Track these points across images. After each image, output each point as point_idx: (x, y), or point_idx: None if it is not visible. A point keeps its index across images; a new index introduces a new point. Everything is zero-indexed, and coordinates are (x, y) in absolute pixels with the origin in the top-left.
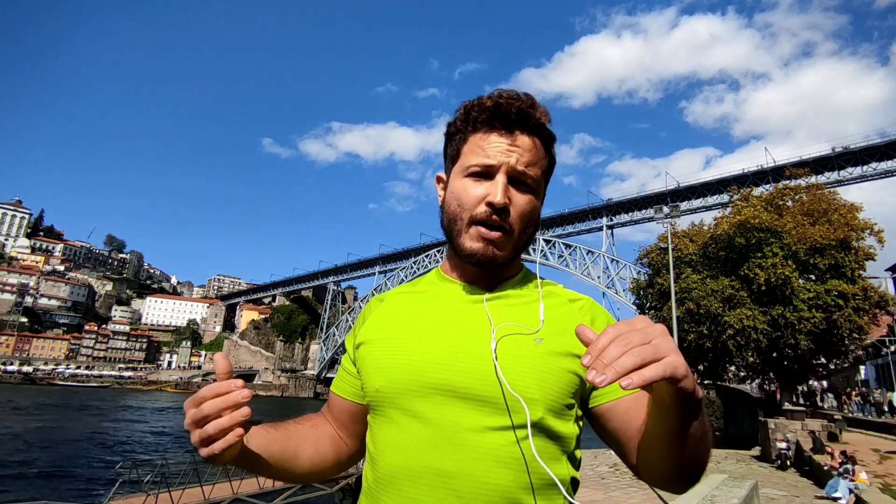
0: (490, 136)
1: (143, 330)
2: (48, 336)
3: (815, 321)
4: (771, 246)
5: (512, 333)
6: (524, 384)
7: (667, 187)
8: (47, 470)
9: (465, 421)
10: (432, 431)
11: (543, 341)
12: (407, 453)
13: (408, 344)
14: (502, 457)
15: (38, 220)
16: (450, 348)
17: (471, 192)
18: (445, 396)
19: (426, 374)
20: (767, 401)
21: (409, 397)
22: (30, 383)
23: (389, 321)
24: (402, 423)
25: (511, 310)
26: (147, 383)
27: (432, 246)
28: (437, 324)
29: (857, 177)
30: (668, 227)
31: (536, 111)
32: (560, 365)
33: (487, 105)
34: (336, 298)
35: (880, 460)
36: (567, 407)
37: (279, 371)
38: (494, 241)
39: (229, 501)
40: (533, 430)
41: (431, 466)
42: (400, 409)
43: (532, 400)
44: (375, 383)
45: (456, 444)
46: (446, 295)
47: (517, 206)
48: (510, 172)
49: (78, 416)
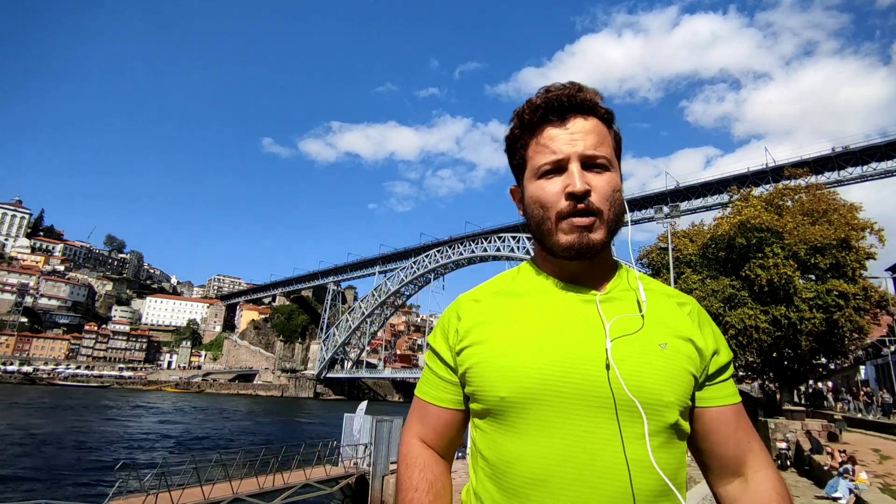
0: (549, 132)
1: (143, 330)
2: (48, 336)
3: (816, 321)
4: (772, 246)
5: (629, 333)
6: (657, 387)
7: (667, 187)
8: (47, 470)
9: (598, 428)
10: (567, 441)
11: (668, 345)
12: (542, 464)
13: (527, 348)
14: (640, 462)
15: (38, 220)
16: (574, 352)
17: (549, 190)
18: (576, 403)
19: (553, 381)
20: (768, 401)
21: (538, 406)
22: (30, 383)
23: (497, 324)
24: (532, 433)
25: (623, 308)
26: (147, 383)
27: (432, 246)
28: (555, 326)
29: (857, 177)
30: (668, 227)
31: (586, 93)
32: (684, 367)
33: (537, 103)
34: (336, 298)
35: (880, 460)
36: (688, 409)
37: (279, 371)
38: (588, 227)
39: (229, 501)
40: (666, 434)
41: (569, 477)
42: (527, 419)
43: (667, 403)
44: (500, 391)
45: (592, 454)
46: (554, 295)
47: (598, 188)
48: (581, 159)
49: (78, 416)
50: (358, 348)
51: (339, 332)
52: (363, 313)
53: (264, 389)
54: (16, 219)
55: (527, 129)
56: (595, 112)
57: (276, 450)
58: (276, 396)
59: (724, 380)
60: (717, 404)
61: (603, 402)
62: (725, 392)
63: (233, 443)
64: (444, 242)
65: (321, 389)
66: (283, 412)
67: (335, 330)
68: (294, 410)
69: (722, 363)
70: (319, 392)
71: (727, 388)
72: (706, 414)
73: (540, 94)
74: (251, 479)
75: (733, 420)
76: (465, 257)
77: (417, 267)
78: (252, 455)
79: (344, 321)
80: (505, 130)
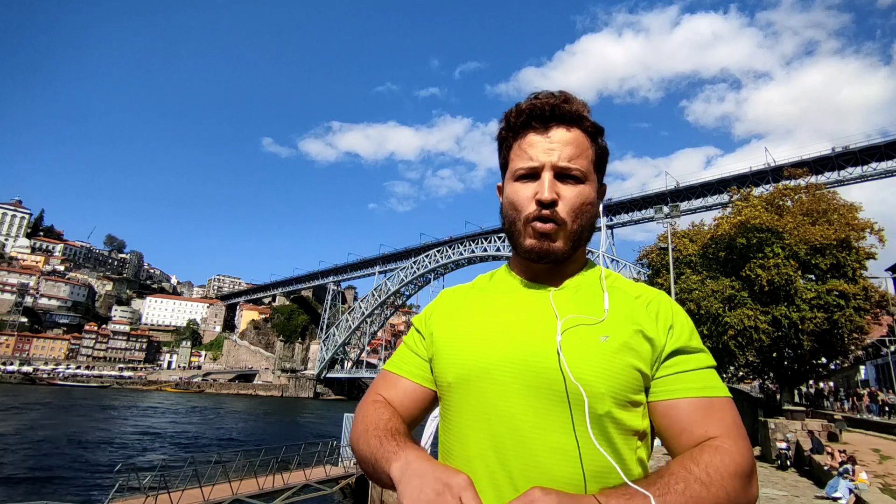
0: (531, 138)
1: (143, 330)
2: (48, 336)
3: (817, 321)
4: (772, 246)
5: (577, 325)
6: (591, 379)
7: (667, 187)
8: (47, 470)
9: (532, 415)
10: (500, 425)
11: (609, 338)
12: (478, 446)
13: (477, 338)
14: (569, 451)
15: (38, 220)
16: (517, 343)
17: (521, 194)
18: (513, 390)
19: (493, 369)
20: (768, 401)
21: (478, 392)
22: (30, 383)
23: (461, 315)
24: (471, 418)
25: (577, 303)
26: (147, 383)
27: (432, 246)
28: (505, 319)
29: (857, 177)
30: (668, 228)
31: (571, 105)
32: (625, 361)
33: (523, 108)
34: (336, 298)
35: (880, 460)
36: (633, 404)
37: (279, 371)
38: (548, 234)
39: (229, 502)
40: (599, 425)
41: (500, 460)
42: (469, 404)
43: (598, 394)
44: (448, 377)
45: (523, 439)
46: (514, 291)
47: (566, 199)
48: (555, 169)
49: (78, 416)
50: (358, 348)
51: (339, 332)
52: (363, 313)
53: (264, 389)
54: (16, 219)
55: (511, 132)
56: (579, 124)
57: (275, 450)
58: (276, 396)
59: (674, 373)
60: (663, 398)
61: (538, 391)
62: (677, 385)
63: (233, 443)
64: (444, 242)
65: (321, 389)
66: (282, 412)
67: (335, 330)
68: (294, 410)
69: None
70: (319, 392)
71: (680, 382)
72: (656, 409)
73: (528, 100)
74: (251, 479)
75: (687, 415)
76: (465, 257)
77: (417, 267)
78: (252, 455)
79: (344, 321)
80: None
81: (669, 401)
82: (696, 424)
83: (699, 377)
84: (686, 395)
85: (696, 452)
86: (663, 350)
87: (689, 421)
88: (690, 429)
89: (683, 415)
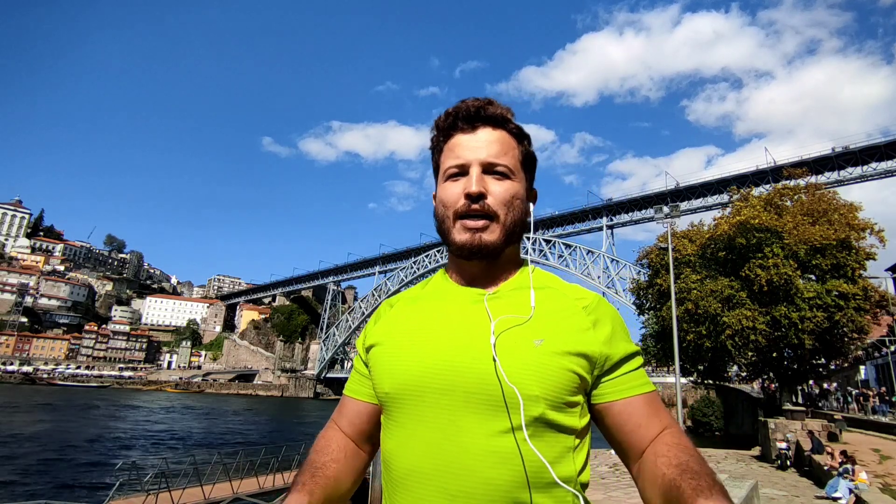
0: (458, 138)
1: (143, 330)
2: (48, 336)
3: (817, 321)
4: (771, 246)
5: (511, 327)
6: (524, 381)
7: (667, 187)
8: (47, 470)
9: (467, 421)
10: (436, 433)
11: (544, 342)
12: (414, 456)
13: (412, 347)
14: (504, 454)
15: (38, 220)
16: (451, 349)
17: (450, 191)
18: (448, 397)
19: (429, 377)
20: (768, 401)
21: (414, 400)
22: (30, 383)
23: (396, 325)
24: (409, 427)
25: (510, 305)
26: (147, 383)
27: (432, 246)
28: (440, 325)
29: (857, 177)
30: (668, 228)
31: (496, 108)
32: (560, 364)
33: (450, 112)
34: (336, 298)
35: (880, 460)
36: (569, 405)
37: (279, 371)
38: (480, 229)
39: (229, 501)
40: (534, 427)
41: (437, 468)
42: (406, 413)
43: (532, 396)
44: (384, 387)
45: (459, 445)
46: (449, 296)
47: (495, 192)
48: (482, 165)
49: (78, 416)
50: None
51: (339, 332)
52: (363, 313)
53: (264, 389)
54: (16, 219)
55: (441, 136)
56: (504, 125)
57: (276, 450)
58: (276, 396)
59: (621, 374)
60: (618, 398)
61: (473, 396)
62: (627, 385)
63: (233, 442)
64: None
65: (321, 389)
66: (283, 412)
67: (335, 330)
68: (294, 410)
69: (616, 359)
70: (319, 392)
71: (629, 382)
72: (611, 409)
73: (455, 105)
74: (251, 478)
75: (640, 410)
76: None
77: (417, 267)
78: (252, 455)
79: (344, 321)
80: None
81: (623, 400)
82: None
83: (640, 375)
84: (635, 392)
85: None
86: (607, 355)
87: (643, 415)
88: (647, 423)
89: (637, 411)
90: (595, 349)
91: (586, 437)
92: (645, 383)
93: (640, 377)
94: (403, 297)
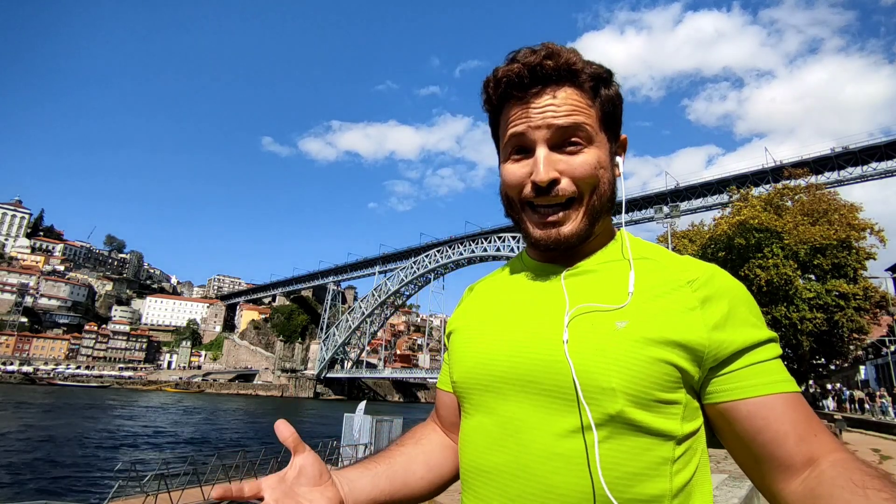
0: (513, 110)
1: (143, 330)
2: (48, 336)
3: (818, 321)
4: (771, 246)
5: (590, 311)
6: (598, 371)
7: (667, 187)
8: (47, 470)
9: (532, 416)
10: (499, 427)
11: (629, 324)
12: (477, 452)
13: (482, 333)
14: (571, 458)
15: (38, 220)
16: (521, 335)
17: (515, 173)
18: (514, 389)
19: (495, 366)
20: None
21: (480, 391)
22: (30, 383)
23: (472, 310)
24: (475, 420)
25: (594, 286)
26: (147, 383)
27: (432, 246)
28: (511, 308)
29: (857, 177)
30: (668, 228)
31: (556, 60)
32: (650, 353)
33: (500, 77)
34: (336, 298)
35: (880, 460)
36: (664, 403)
37: (279, 371)
38: (557, 223)
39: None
40: (611, 428)
41: (497, 467)
42: (473, 404)
43: (607, 389)
44: (455, 376)
45: (520, 443)
46: (524, 277)
47: (571, 170)
48: (548, 141)
49: (78, 416)
50: (358, 348)
51: (339, 332)
52: (363, 313)
53: (264, 389)
54: (16, 219)
55: (493, 105)
56: (571, 80)
57: (276, 450)
58: (276, 396)
59: (745, 366)
60: (743, 396)
61: (539, 388)
62: (756, 380)
63: (233, 443)
64: (445, 242)
65: (321, 389)
66: (283, 412)
67: (335, 330)
68: (294, 410)
69: (735, 347)
70: (319, 392)
71: (759, 377)
72: (736, 411)
73: (506, 63)
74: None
75: (783, 414)
76: (465, 257)
77: (417, 267)
78: (252, 455)
79: (344, 321)
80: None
81: (754, 399)
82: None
83: (776, 370)
84: (771, 390)
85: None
86: (721, 341)
87: (789, 421)
88: (796, 432)
89: (778, 416)
90: (702, 335)
91: (696, 449)
92: (785, 380)
93: (777, 371)
94: (485, 279)
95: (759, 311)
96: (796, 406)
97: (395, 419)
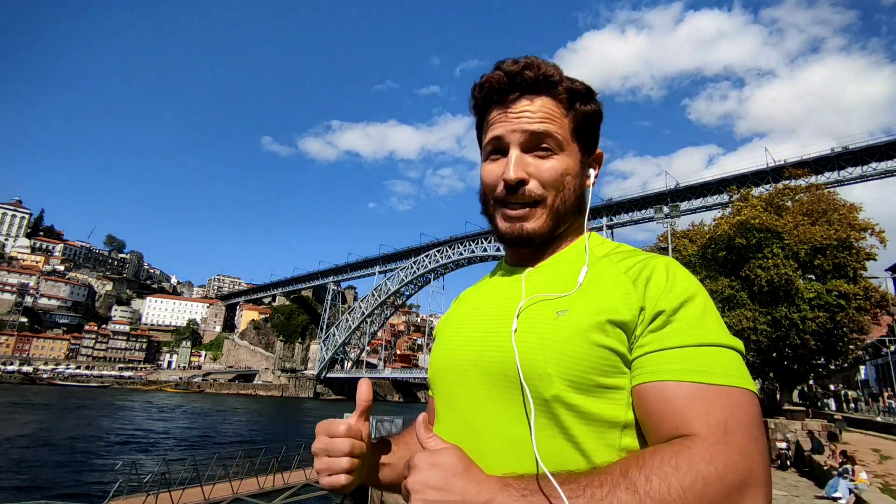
0: (494, 114)
1: (143, 330)
2: (48, 336)
3: (820, 320)
4: (771, 246)
5: (538, 301)
6: (539, 359)
7: (667, 187)
8: (47, 470)
9: (487, 405)
10: (460, 417)
11: (569, 311)
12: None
13: (455, 332)
14: (520, 445)
15: (38, 220)
16: (482, 329)
17: (490, 173)
18: (474, 381)
19: (458, 360)
20: (768, 401)
21: (446, 384)
22: (30, 383)
23: (452, 316)
24: (441, 413)
25: (549, 280)
26: (147, 383)
27: (432, 246)
28: (478, 307)
29: (857, 177)
30: (668, 228)
31: (534, 71)
32: (587, 337)
33: (484, 81)
34: (336, 298)
35: (880, 460)
36: (604, 387)
37: (279, 371)
38: (520, 218)
39: (229, 501)
40: (551, 414)
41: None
42: (440, 398)
43: (545, 375)
44: (428, 374)
45: (476, 433)
46: (497, 278)
47: (538, 174)
48: (520, 144)
49: (78, 416)
50: (358, 348)
51: (339, 332)
52: (363, 313)
53: (264, 389)
54: (16, 219)
55: (478, 109)
56: (547, 91)
57: (276, 450)
58: (276, 396)
59: (663, 349)
60: (647, 379)
61: (493, 378)
62: (667, 366)
63: (233, 443)
64: (445, 242)
65: (321, 389)
66: (283, 412)
67: (335, 330)
68: (294, 410)
69: (663, 327)
70: (319, 392)
71: (671, 362)
72: (635, 391)
73: (492, 70)
74: (251, 478)
75: (674, 403)
76: (466, 257)
77: (417, 267)
78: (252, 455)
79: (344, 321)
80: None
81: (646, 384)
82: (669, 416)
83: (688, 356)
84: (664, 377)
85: (649, 452)
86: (643, 320)
87: (662, 411)
88: (660, 421)
89: (655, 402)
90: (630, 315)
91: (635, 429)
92: (690, 370)
93: (687, 359)
94: (470, 287)
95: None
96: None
97: (395, 419)
